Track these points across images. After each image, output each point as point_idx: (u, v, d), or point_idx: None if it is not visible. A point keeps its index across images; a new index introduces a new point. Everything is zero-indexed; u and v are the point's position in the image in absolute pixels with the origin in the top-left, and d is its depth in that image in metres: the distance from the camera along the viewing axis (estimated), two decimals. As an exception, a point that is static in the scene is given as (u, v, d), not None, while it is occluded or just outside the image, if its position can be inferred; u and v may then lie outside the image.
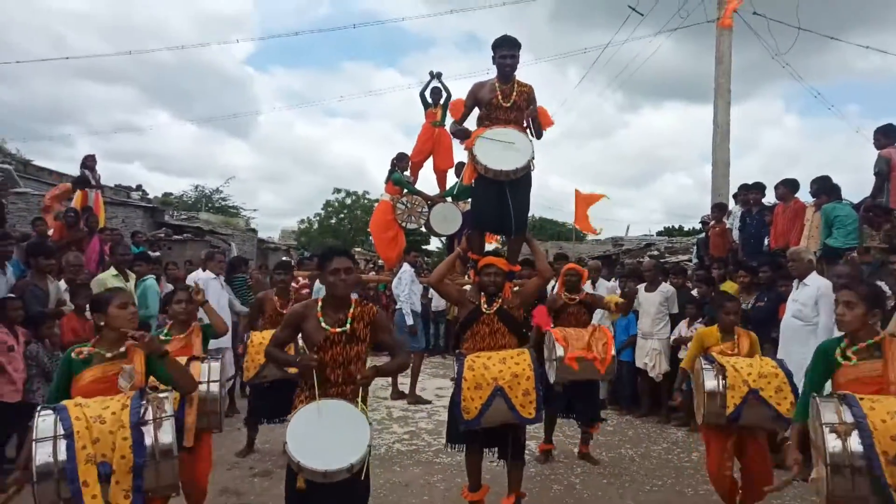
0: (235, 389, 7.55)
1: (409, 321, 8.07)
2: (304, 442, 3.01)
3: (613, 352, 5.36)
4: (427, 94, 8.22)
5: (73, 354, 2.99)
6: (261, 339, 5.45)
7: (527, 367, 3.95)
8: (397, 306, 8.22)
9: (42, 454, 2.57)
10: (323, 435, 3.02)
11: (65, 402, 2.74)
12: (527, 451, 4.47)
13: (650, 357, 7.28)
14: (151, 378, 3.08)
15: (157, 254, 10.05)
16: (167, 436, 2.74)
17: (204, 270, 7.27)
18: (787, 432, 3.78)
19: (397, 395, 8.32)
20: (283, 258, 13.88)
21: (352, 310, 3.30)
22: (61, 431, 2.60)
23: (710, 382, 4.06)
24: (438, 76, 8.34)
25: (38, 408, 2.74)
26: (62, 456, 2.56)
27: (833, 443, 2.60)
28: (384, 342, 3.45)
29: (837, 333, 3.19)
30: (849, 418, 2.63)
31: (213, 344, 4.53)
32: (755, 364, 4.12)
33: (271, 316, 5.75)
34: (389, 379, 8.59)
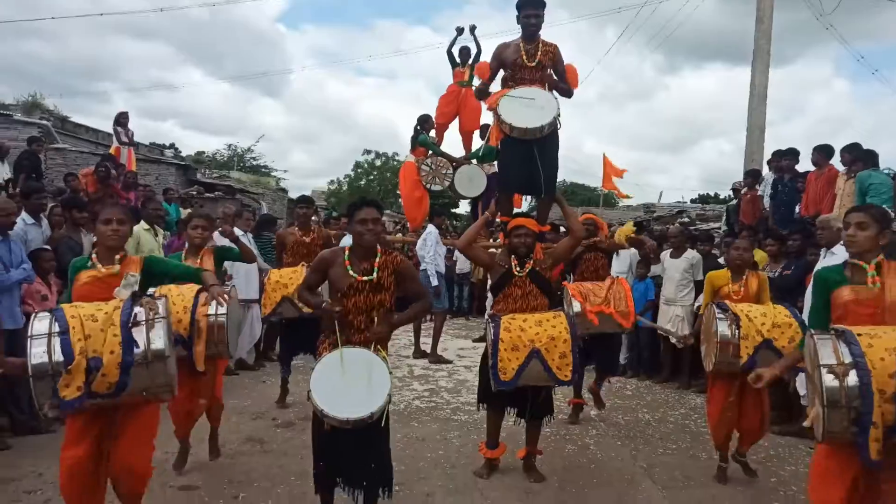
0: (262, 343, 7.73)
1: (434, 282, 8.16)
2: (327, 390, 3.12)
3: (632, 304, 5.37)
4: (455, 52, 8.11)
5: (78, 263, 3.15)
6: (278, 276, 5.66)
7: (563, 330, 4.01)
8: (422, 267, 8.30)
9: (37, 352, 2.62)
10: (345, 383, 3.13)
11: (62, 305, 2.84)
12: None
13: (672, 323, 7.23)
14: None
15: (189, 210, 10.24)
16: (159, 337, 2.77)
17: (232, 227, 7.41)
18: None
19: (419, 353, 8.46)
20: (306, 195, 14.18)
21: (378, 259, 3.38)
22: (56, 329, 2.65)
23: (724, 331, 4.09)
24: (472, 30, 8.19)
25: (36, 311, 2.87)
26: (56, 352, 2.61)
27: (830, 383, 2.58)
28: (409, 290, 3.54)
29: None
30: (847, 358, 2.59)
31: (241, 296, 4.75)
32: (769, 313, 4.15)
33: (293, 247, 5.94)
34: (412, 337, 8.74)
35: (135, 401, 2.84)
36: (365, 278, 3.33)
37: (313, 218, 6.93)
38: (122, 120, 10.42)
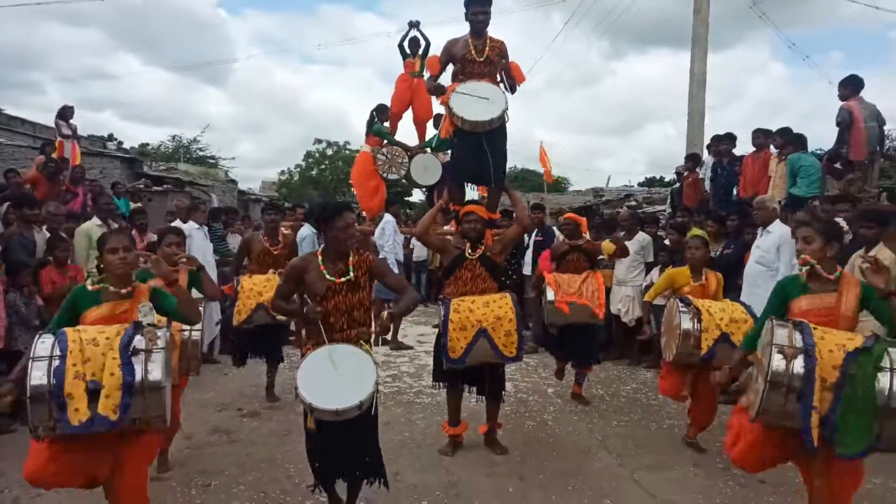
0: (216, 340, 7.64)
1: (395, 270, 8.29)
2: (313, 385, 3.16)
3: (604, 297, 5.64)
4: (405, 44, 8.21)
5: (87, 285, 3.06)
6: (251, 284, 5.62)
7: (509, 310, 4.24)
8: (381, 256, 8.42)
9: (37, 375, 2.61)
10: (332, 377, 3.19)
11: (66, 329, 2.81)
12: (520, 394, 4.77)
13: (623, 303, 7.57)
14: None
15: (139, 205, 10.05)
16: (156, 368, 2.77)
17: (186, 221, 7.36)
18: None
19: (380, 341, 8.58)
20: (273, 201, 13.95)
21: (351, 258, 3.46)
22: (57, 352, 2.65)
23: (686, 325, 4.35)
24: (416, 25, 8.32)
25: (39, 333, 2.81)
26: (54, 375, 2.61)
27: (778, 362, 2.77)
28: (389, 285, 3.63)
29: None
30: (799, 343, 2.80)
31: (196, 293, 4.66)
32: (727, 309, 4.43)
33: (259, 256, 5.89)
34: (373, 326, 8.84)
35: (130, 429, 2.81)
36: (342, 279, 3.41)
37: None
38: (66, 114, 10.05)
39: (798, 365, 2.76)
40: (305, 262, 3.52)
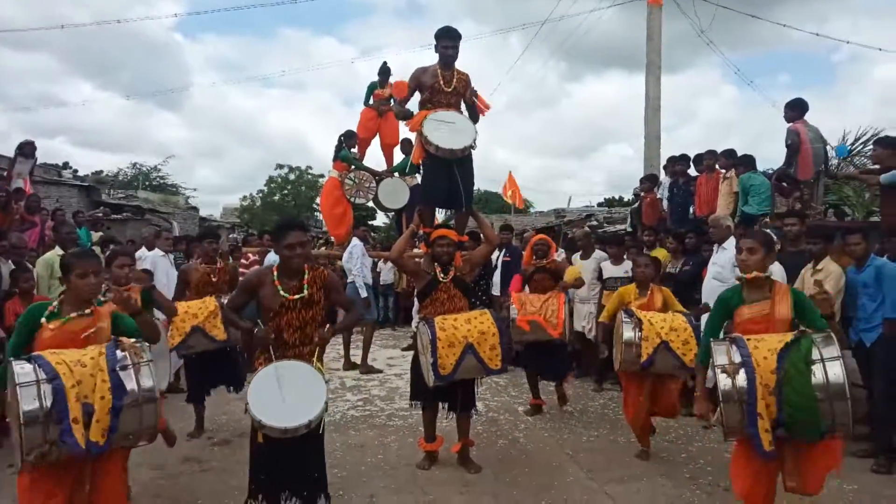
0: (181, 369, 7.48)
1: (363, 293, 8.33)
2: (264, 402, 3.23)
3: (564, 315, 5.82)
4: (376, 80, 8.39)
5: (41, 309, 3.02)
6: (185, 307, 5.41)
7: (491, 325, 4.41)
8: (349, 280, 8.45)
9: (28, 398, 2.58)
10: (282, 394, 3.24)
11: (39, 353, 2.79)
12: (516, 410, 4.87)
13: (587, 320, 7.72)
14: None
15: (100, 234, 9.88)
16: (148, 379, 2.82)
17: (151, 249, 7.30)
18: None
19: (349, 365, 8.58)
20: (213, 227, 13.77)
21: (306, 276, 3.50)
22: (43, 376, 2.63)
23: (628, 334, 4.62)
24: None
25: (10, 359, 2.75)
26: (48, 399, 2.60)
27: (724, 381, 3.00)
28: (337, 301, 3.74)
29: None
30: (737, 358, 3.03)
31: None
32: (668, 319, 4.70)
33: (198, 285, 5.75)
34: (342, 350, 8.85)
35: (112, 449, 2.83)
36: (296, 296, 3.45)
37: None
38: (26, 150, 9.63)
39: (741, 377, 2.98)
40: (261, 275, 3.58)
